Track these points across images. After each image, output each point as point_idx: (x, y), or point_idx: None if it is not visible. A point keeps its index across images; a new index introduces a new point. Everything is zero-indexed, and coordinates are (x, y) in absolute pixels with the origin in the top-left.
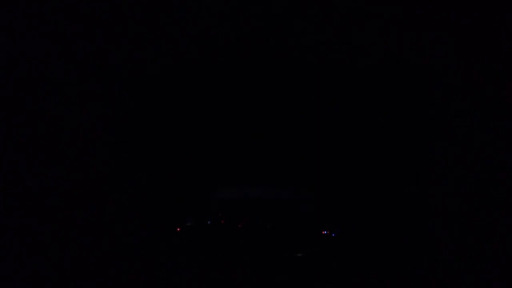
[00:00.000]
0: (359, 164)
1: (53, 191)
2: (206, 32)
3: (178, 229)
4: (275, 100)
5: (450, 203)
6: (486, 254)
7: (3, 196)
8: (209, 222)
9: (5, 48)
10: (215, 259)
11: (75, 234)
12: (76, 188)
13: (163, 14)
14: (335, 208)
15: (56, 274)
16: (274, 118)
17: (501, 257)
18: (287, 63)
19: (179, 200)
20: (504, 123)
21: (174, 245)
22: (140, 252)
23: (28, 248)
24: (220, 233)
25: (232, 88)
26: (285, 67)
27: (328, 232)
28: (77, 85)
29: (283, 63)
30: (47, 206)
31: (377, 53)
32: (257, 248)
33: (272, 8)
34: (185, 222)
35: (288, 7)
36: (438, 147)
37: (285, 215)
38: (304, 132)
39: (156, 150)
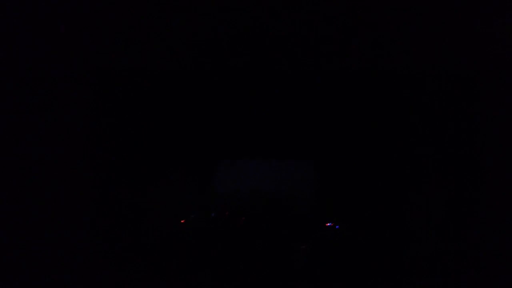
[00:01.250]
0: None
1: (45, 189)
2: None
3: (183, 221)
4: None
5: (435, 203)
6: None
7: None
8: (213, 215)
9: (3, 48)
10: (219, 250)
11: (78, 225)
12: (67, 186)
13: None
14: (340, 201)
15: (56, 272)
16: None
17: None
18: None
19: (184, 192)
20: (485, 127)
21: (178, 236)
22: (144, 243)
23: (25, 249)
24: (224, 225)
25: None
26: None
27: (332, 224)
28: (74, 84)
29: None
30: (46, 204)
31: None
32: (261, 240)
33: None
34: (190, 214)
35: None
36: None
37: (289, 208)
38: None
39: (159, 135)
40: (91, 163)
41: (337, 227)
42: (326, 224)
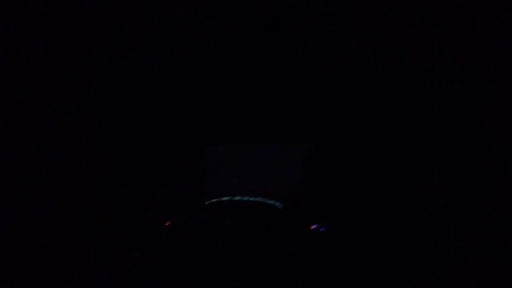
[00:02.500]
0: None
1: (45, 189)
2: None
3: (168, 223)
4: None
5: (437, 200)
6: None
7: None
8: (200, 216)
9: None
10: (204, 253)
11: (67, 231)
12: (67, 186)
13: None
14: (325, 204)
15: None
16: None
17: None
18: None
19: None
20: (486, 127)
21: (163, 239)
22: (131, 246)
23: (24, 248)
24: (210, 227)
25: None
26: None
27: (317, 226)
28: (74, 83)
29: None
30: (46, 204)
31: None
32: (245, 243)
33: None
34: (175, 216)
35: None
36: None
37: (273, 211)
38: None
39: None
40: (91, 163)
41: (322, 229)
42: (311, 227)
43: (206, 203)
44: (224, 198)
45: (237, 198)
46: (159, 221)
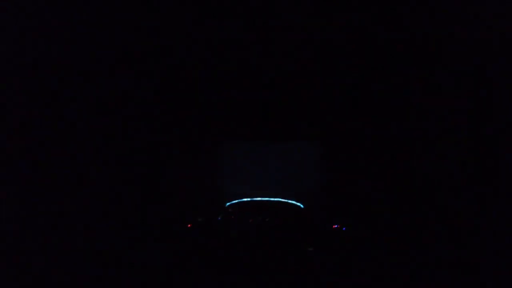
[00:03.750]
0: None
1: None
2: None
3: (189, 225)
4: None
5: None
6: None
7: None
8: (219, 218)
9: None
10: (225, 255)
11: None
12: (85, 186)
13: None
14: (346, 203)
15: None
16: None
17: None
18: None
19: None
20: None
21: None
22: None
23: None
24: (231, 228)
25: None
26: None
27: (338, 226)
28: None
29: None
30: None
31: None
32: (266, 243)
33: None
34: (197, 218)
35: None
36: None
37: (293, 211)
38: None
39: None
40: (95, 163)
41: (344, 229)
42: (333, 226)
43: (227, 204)
44: (245, 199)
45: (257, 199)
46: (176, 221)
